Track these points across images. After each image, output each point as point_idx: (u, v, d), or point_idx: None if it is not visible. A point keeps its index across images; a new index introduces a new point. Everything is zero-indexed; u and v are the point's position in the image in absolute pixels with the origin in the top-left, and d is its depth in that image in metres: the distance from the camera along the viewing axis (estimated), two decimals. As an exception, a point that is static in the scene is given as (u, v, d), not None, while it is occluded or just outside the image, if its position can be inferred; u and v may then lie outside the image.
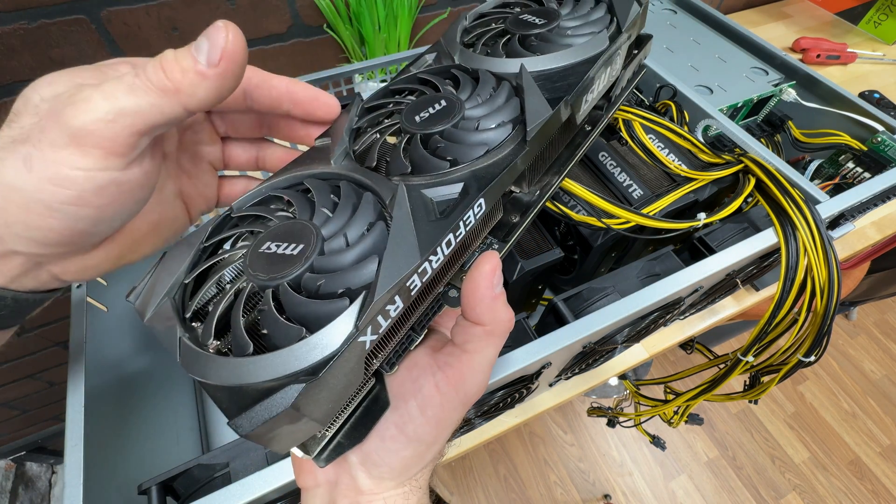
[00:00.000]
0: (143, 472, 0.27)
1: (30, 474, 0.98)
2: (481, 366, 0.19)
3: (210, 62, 0.16)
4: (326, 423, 0.14)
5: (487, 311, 0.18)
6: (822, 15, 0.89)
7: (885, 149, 0.45)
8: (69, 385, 0.29)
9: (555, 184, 0.24)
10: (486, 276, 0.18)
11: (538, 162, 0.22)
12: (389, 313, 0.15)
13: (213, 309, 0.15)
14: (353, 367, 0.14)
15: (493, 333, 0.19)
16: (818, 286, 0.33)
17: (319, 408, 0.14)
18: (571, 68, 0.23)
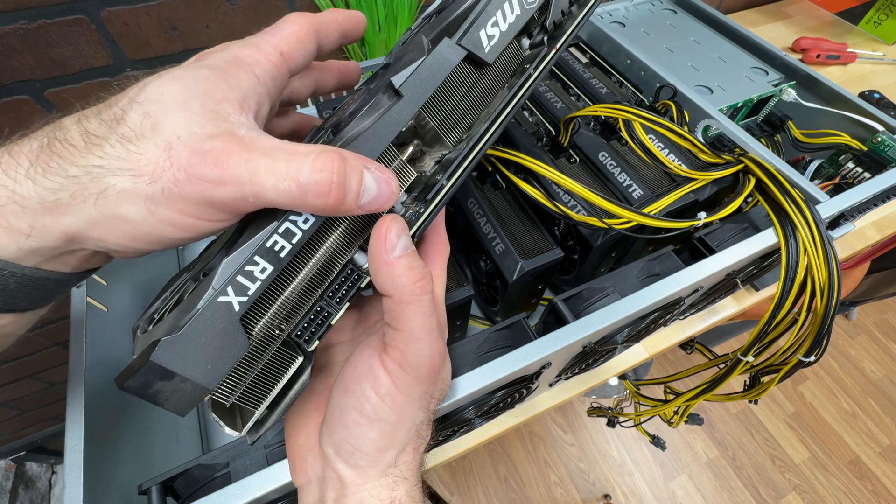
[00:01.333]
0: (143, 472, 0.27)
1: (30, 474, 0.98)
2: (415, 337, 0.18)
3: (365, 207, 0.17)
4: (212, 384, 0.15)
5: (387, 280, 0.18)
6: (822, 15, 0.89)
7: (885, 149, 0.45)
8: (69, 385, 0.29)
9: (487, 136, 0.21)
10: (378, 241, 0.17)
11: (452, 114, 0.20)
12: (254, 275, 0.15)
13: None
14: (223, 327, 0.15)
15: (402, 302, 0.18)
16: (818, 286, 0.33)
17: (192, 366, 0.14)
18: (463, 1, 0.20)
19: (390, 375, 0.19)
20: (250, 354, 0.16)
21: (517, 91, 0.22)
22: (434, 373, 0.19)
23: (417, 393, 0.19)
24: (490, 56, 0.20)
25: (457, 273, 0.34)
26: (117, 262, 0.22)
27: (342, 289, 0.18)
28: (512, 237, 0.35)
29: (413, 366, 0.19)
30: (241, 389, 0.16)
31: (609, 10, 0.62)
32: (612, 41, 0.54)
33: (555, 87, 0.48)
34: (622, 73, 0.49)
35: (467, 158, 0.20)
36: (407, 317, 0.18)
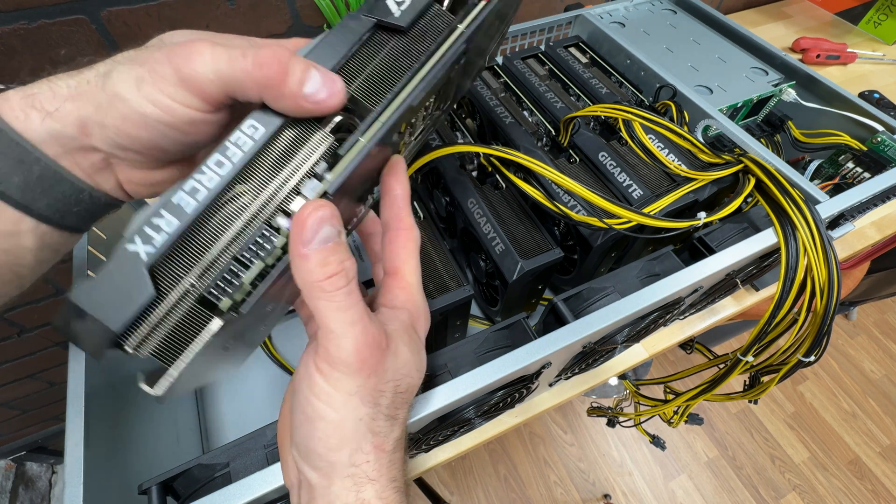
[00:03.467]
0: (143, 472, 0.27)
1: (30, 474, 0.98)
2: (334, 332, 0.18)
3: (310, 97, 0.17)
4: (116, 326, 0.16)
5: (298, 275, 0.17)
6: (822, 15, 0.89)
7: (885, 149, 0.45)
8: (69, 385, 0.29)
9: (408, 89, 0.20)
10: (294, 230, 0.17)
11: (372, 82, 0.20)
12: (161, 227, 0.16)
13: None
14: (130, 274, 0.16)
15: (312, 297, 0.17)
16: (818, 286, 0.33)
17: (100, 308, 0.16)
18: None
19: (321, 373, 0.19)
20: (162, 306, 0.17)
21: (442, 44, 0.21)
22: (365, 366, 0.19)
23: (352, 388, 0.19)
24: (403, 20, 0.20)
25: (457, 273, 0.34)
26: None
27: (256, 248, 0.18)
28: (512, 237, 0.35)
29: (338, 361, 0.18)
30: (154, 343, 0.17)
31: (609, 10, 0.62)
32: (611, 41, 0.54)
33: (555, 87, 0.48)
34: (622, 73, 0.49)
35: (385, 111, 0.20)
36: (320, 312, 0.18)
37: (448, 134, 0.43)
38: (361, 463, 0.19)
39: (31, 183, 0.19)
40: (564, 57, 0.51)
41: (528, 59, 0.51)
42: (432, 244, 0.36)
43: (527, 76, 0.48)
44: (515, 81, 0.48)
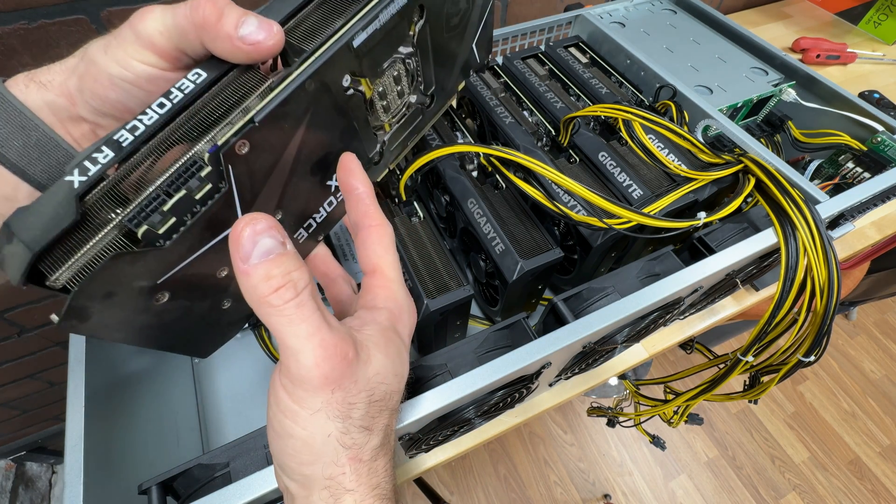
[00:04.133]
0: (143, 472, 0.27)
1: (30, 474, 0.98)
2: (290, 348, 0.17)
3: (246, 38, 0.18)
4: (35, 246, 0.16)
5: (244, 291, 0.17)
6: (821, 15, 0.89)
7: (885, 149, 0.45)
8: (69, 385, 0.29)
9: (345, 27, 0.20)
10: (232, 246, 0.16)
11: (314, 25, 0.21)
12: (97, 160, 0.17)
13: None
14: (60, 200, 0.17)
15: (261, 314, 0.17)
16: (818, 286, 0.33)
17: (26, 229, 0.16)
18: None
19: (285, 390, 0.18)
20: (81, 232, 0.17)
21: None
22: (327, 381, 0.18)
23: (316, 405, 0.18)
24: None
25: (457, 273, 0.34)
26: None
27: (181, 181, 0.18)
28: (512, 237, 0.35)
29: (298, 378, 0.18)
30: (71, 273, 0.17)
31: (609, 10, 0.62)
32: (611, 41, 0.54)
33: (555, 87, 0.48)
34: (622, 73, 0.49)
35: (321, 48, 0.20)
36: (273, 329, 0.17)
37: (448, 134, 0.43)
38: (337, 475, 0.19)
39: (29, 147, 0.20)
40: (564, 57, 0.51)
41: (528, 59, 0.51)
42: (432, 244, 0.36)
43: (527, 76, 0.48)
44: (515, 81, 0.48)
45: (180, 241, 0.18)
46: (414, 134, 0.30)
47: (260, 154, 0.19)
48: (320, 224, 0.25)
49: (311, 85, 0.19)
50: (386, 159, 0.28)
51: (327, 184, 0.24)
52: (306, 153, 0.21)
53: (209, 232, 0.19)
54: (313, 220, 0.25)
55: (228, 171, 0.18)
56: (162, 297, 0.19)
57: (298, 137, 0.20)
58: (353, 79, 0.22)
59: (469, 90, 0.48)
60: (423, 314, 0.32)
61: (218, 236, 0.20)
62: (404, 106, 0.27)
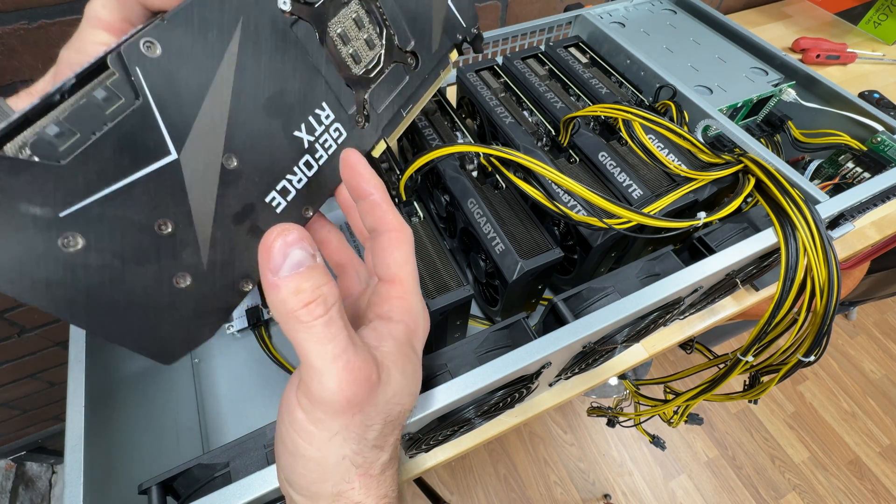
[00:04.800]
0: (143, 472, 0.27)
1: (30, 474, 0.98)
2: (315, 368, 0.16)
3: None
4: None
5: (272, 305, 0.16)
6: (821, 15, 0.89)
7: (885, 149, 0.45)
8: (69, 385, 0.29)
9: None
10: (262, 258, 0.16)
11: None
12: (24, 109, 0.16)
13: None
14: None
15: (289, 330, 0.16)
16: (818, 286, 0.33)
17: None
18: None
19: (302, 410, 0.17)
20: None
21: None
22: (350, 405, 0.17)
23: (336, 427, 0.17)
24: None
25: (457, 273, 0.34)
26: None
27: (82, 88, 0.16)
28: (512, 237, 0.35)
29: (320, 400, 0.17)
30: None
31: (609, 10, 0.62)
32: (611, 41, 0.54)
33: (555, 87, 0.48)
34: (622, 73, 0.49)
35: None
36: (299, 345, 0.16)
37: (448, 134, 0.43)
38: (347, 490, 0.18)
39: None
40: (564, 57, 0.51)
41: (528, 59, 0.51)
42: (432, 244, 0.36)
43: (527, 76, 0.48)
44: (515, 81, 0.48)
45: (83, 163, 0.15)
46: (407, 100, 0.28)
47: (180, 62, 0.17)
48: (301, 191, 0.22)
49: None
50: (376, 123, 0.26)
51: (295, 135, 0.21)
52: (250, 80, 0.19)
53: (130, 161, 0.16)
54: (289, 184, 0.22)
55: (139, 77, 0.16)
56: (72, 240, 0.16)
57: (232, 55, 0.18)
58: (293, 3, 0.20)
59: (469, 90, 0.48)
60: (423, 314, 0.32)
61: (143, 169, 0.17)
62: (377, 58, 0.25)
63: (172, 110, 0.17)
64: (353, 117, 0.24)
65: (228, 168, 0.19)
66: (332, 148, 0.23)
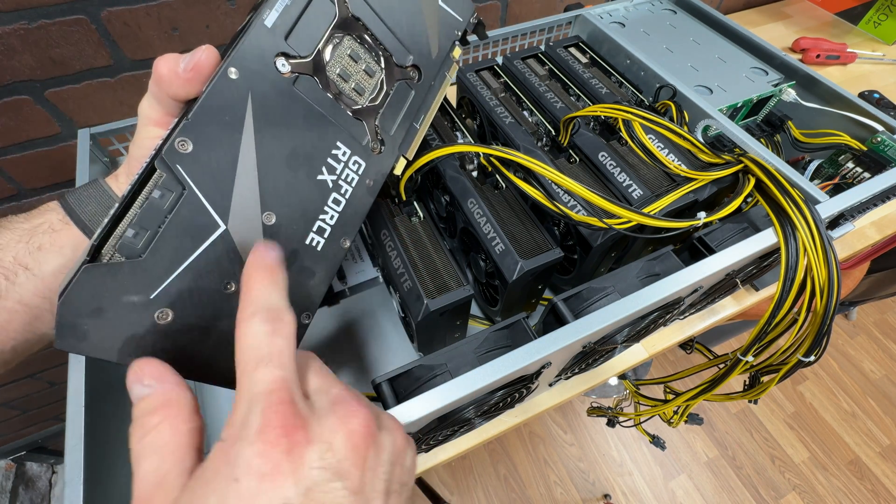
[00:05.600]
0: (143, 472, 0.27)
1: (30, 474, 0.98)
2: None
3: (185, 68, 0.21)
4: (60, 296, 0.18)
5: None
6: (821, 15, 0.89)
7: (885, 149, 0.45)
8: (69, 385, 0.29)
9: None
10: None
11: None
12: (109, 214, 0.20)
13: None
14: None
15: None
16: (818, 286, 0.33)
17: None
18: None
19: None
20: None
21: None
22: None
23: None
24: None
25: (457, 273, 0.34)
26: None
27: (143, 195, 0.20)
28: (512, 237, 0.35)
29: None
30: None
31: (609, 10, 0.62)
32: (611, 41, 0.54)
33: (555, 87, 0.48)
34: (622, 73, 0.49)
35: (237, 41, 0.22)
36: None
37: (448, 134, 0.43)
38: None
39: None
40: (564, 57, 0.51)
41: (528, 59, 0.51)
42: (432, 244, 0.36)
43: (527, 76, 0.48)
44: (515, 81, 0.48)
45: (159, 251, 0.19)
46: (417, 112, 0.29)
47: (209, 149, 0.20)
48: (336, 227, 0.25)
49: (234, 73, 0.20)
50: (391, 145, 0.27)
51: (318, 179, 0.24)
52: (270, 144, 0.21)
53: (191, 240, 0.19)
54: (323, 223, 0.24)
55: (179, 171, 0.19)
56: (164, 315, 0.19)
57: (249, 127, 0.21)
58: (290, 63, 0.22)
59: (469, 90, 0.48)
60: (423, 314, 0.32)
61: (202, 244, 0.20)
62: (379, 83, 0.26)
63: (212, 190, 0.20)
64: (368, 146, 0.26)
65: (269, 224, 0.22)
66: (354, 180, 0.25)
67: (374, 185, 0.26)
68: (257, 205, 0.21)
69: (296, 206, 0.23)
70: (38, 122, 0.53)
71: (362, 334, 0.47)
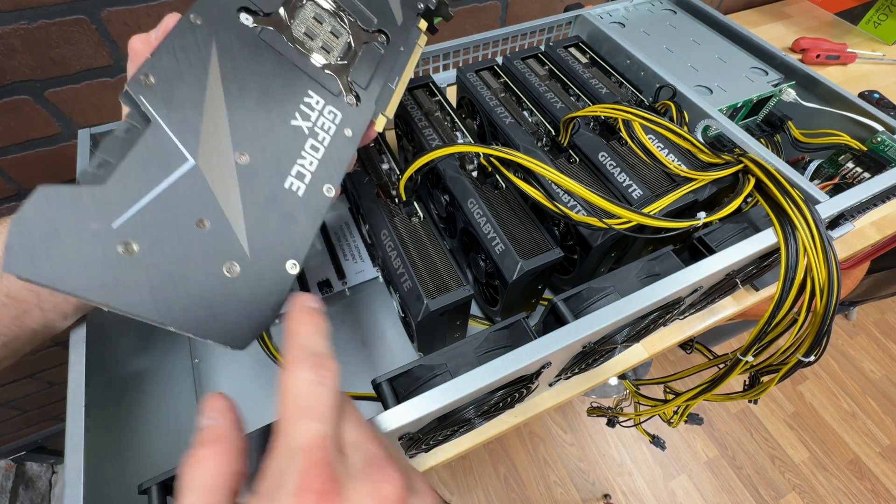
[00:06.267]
0: (143, 472, 0.27)
1: (30, 474, 0.98)
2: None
3: (157, 37, 0.22)
4: None
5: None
6: (821, 15, 0.89)
7: (885, 149, 0.45)
8: (69, 385, 0.29)
9: None
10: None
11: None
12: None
13: None
14: None
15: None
16: (818, 286, 0.33)
17: None
18: None
19: None
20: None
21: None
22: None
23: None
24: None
25: (457, 273, 0.34)
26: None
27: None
28: (512, 237, 0.35)
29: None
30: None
31: (609, 10, 0.62)
32: (611, 41, 0.54)
33: (555, 87, 0.48)
34: (622, 73, 0.49)
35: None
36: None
37: (448, 134, 0.43)
38: None
39: None
40: (564, 57, 0.51)
41: (528, 60, 0.51)
42: (432, 244, 0.36)
43: (527, 76, 0.48)
44: (515, 81, 0.48)
45: (122, 181, 0.18)
46: (391, 74, 0.30)
47: (174, 86, 0.20)
48: (317, 173, 0.25)
49: (196, 19, 0.22)
50: (367, 99, 0.28)
51: (293, 124, 0.24)
52: (238, 86, 0.22)
53: (157, 172, 0.19)
54: (303, 168, 0.24)
55: (143, 103, 0.19)
56: (129, 246, 0.18)
57: (215, 69, 0.22)
58: (254, 17, 0.24)
59: (469, 90, 0.48)
60: (423, 314, 0.32)
61: (170, 177, 0.20)
62: (347, 44, 0.28)
63: (179, 124, 0.20)
64: (342, 98, 0.27)
65: (242, 164, 0.22)
66: (331, 129, 0.26)
67: (354, 136, 0.27)
68: (229, 143, 0.21)
69: (270, 148, 0.23)
70: (38, 122, 0.53)
71: (362, 334, 0.47)
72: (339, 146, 0.26)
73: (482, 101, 0.46)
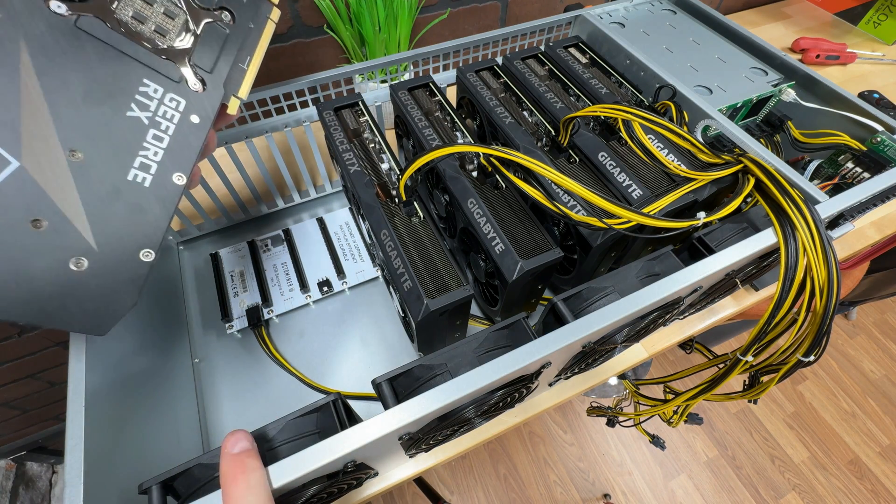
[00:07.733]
0: (143, 472, 0.27)
1: (30, 474, 0.98)
2: None
3: None
4: None
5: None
6: (821, 15, 0.89)
7: (885, 149, 0.45)
8: (69, 385, 0.29)
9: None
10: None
11: None
12: None
13: None
14: None
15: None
16: (818, 286, 0.33)
17: None
18: None
19: None
20: None
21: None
22: None
23: None
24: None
25: (457, 273, 0.34)
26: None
27: None
28: (512, 237, 0.35)
29: None
30: None
31: (609, 10, 0.62)
32: (611, 41, 0.54)
33: (554, 87, 0.48)
34: (622, 73, 0.49)
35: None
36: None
37: (448, 134, 0.43)
38: None
39: None
40: (564, 57, 0.51)
41: (528, 60, 0.51)
42: (432, 244, 0.36)
43: (527, 76, 0.48)
44: (515, 82, 0.48)
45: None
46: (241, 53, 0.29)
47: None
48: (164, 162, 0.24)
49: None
50: (214, 83, 0.27)
51: (129, 115, 0.23)
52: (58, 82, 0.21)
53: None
54: (146, 160, 0.24)
55: None
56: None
57: (27, 66, 0.20)
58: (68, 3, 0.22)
59: (469, 90, 0.48)
60: (423, 314, 0.32)
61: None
62: (183, 25, 0.26)
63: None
64: (185, 84, 0.26)
65: (76, 162, 0.21)
66: (175, 117, 0.25)
67: (203, 123, 0.26)
68: (56, 142, 0.21)
69: (106, 142, 0.22)
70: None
71: (362, 334, 0.47)
72: (186, 134, 0.25)
73: (482, 101, 0.46)
